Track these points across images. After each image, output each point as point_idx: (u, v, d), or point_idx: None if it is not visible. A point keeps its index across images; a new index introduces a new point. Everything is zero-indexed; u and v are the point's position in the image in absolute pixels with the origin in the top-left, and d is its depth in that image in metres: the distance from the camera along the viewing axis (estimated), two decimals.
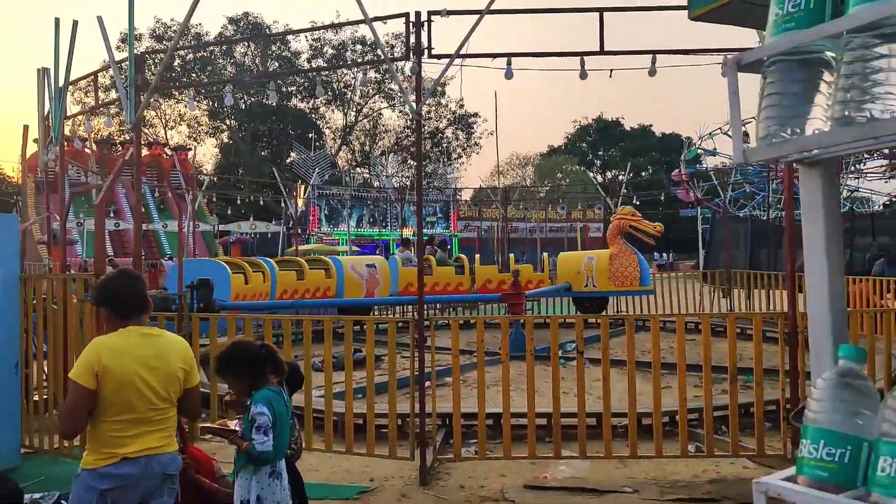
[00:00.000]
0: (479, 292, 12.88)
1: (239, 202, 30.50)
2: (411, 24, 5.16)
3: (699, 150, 30.41)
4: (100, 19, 6.63)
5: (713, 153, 30.64)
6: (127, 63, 6.49)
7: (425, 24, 5.17)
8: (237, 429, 3.10)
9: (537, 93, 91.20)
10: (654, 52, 4.86)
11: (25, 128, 9.64)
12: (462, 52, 5.15)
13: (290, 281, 11.97)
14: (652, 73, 4.80)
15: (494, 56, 5.22)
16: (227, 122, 43.78)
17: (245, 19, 43.58)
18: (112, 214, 29.23)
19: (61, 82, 7.23)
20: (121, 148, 33.51)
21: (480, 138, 49.96)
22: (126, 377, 2.67)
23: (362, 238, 32.33)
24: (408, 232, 32.20)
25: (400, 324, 5.80)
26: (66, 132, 7.47)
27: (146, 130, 34.10)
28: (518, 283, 9.77)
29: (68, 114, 7.40)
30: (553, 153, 58.36)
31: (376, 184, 42.35)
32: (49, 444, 5.61)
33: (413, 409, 5.05)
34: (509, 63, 5.18)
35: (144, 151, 33.99)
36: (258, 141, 45.55)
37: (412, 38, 5.14)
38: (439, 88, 42.18)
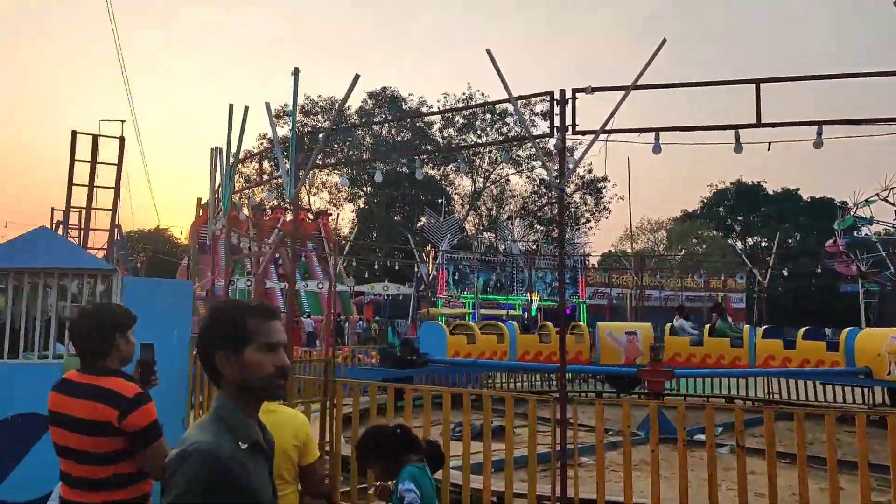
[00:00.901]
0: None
1: (377, 266, 31.78)
2: (556, 101, 5.25)
3: (854, 219, 27.96)
4: (267, 105, 7.33)
5: (870, 221, 28.06)
6: (283, 142, 7.09)
7: (569, 101, 5.24)
8: None
9: (670, 155, 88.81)
10: (820, 123, 4.58)
11: (199, 200, 10.88)
12: (606, 127, 5.14)
13: (531, 343, 12.88)
14: (818, 145, 4.50)
15: (641, 131, 5.16)
16: (365, 188, 46.28)
17: (383, 93, 46.43)
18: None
19: (231, 160, 8.04)
20: (270, 213, 36.28)
21: (610, 202, 49.17)
22: None
23: (488, 302, 32.43)
24: (535, 297, 31.90)
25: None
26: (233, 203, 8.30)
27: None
28: (658, 358, 9.28)
29: (235, 188, 8.20)
30: (688, 218, 56.10)
31: (502, 247, 42.62)
32: None
33: (554, 493, 4.85)
34: (657, 138, 5.09)
35: (290, 217, 36.62)
36: (392, 206, 47.66)
37: (556, 115, 5.21)
38: (569, 155, 42.21)
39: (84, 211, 10.79)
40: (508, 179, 49.63)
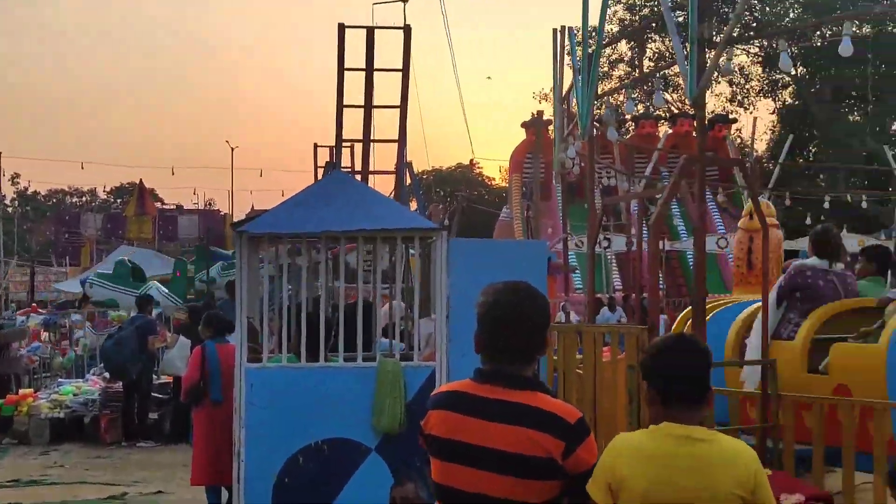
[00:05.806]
0: None
1: (827, 204, 28.37)
2: None
3: None
4: None
5: None
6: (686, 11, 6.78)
7: None
8: None
9: None
10: None
11: (535, 115, 10.99)
12: None
13: None
14: None
15: None
16: (795, 70, 43.40)
17: None
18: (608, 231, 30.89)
19: (591, 47, 7.88)
20: (634, 126, 36.04)
21: None
22: (648, 498, 2.74)
23: None
24: None
25: None
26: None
27: (669, 97, 36.33)
28: None
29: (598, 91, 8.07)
30: None
31: None
32: None
33: None
34: None
35: (666, 130, 35.96)
36: (839, 99, 44.21)
37: None
38: None
39: (360, 145, 10.56)
40: None
